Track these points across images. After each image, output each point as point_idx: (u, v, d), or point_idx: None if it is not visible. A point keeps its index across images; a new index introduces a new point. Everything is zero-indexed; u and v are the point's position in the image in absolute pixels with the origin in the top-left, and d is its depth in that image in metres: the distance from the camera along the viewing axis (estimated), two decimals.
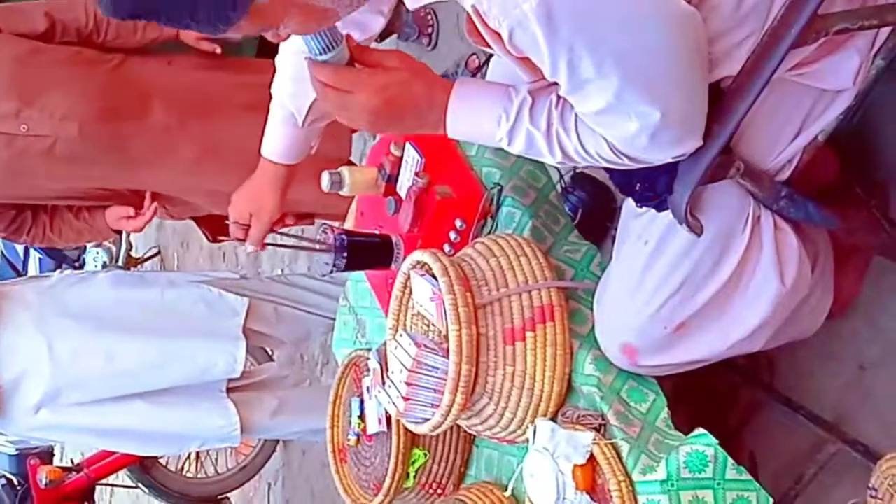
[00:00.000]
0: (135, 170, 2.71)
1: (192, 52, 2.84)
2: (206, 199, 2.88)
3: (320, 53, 1.51)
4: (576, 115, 1.49)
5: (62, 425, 2.86)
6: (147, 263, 6.26)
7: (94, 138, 2.59)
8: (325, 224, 2.21)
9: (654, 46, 1.37)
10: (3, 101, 2.53)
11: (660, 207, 1.63)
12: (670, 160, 1.51)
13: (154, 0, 1.30)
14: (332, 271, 2.17)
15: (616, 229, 1.87)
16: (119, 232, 3.06)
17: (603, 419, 1.78)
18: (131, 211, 2.83)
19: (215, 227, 3.11)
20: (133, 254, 5.87)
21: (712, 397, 2.17)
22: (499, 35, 1.38)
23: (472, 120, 1.56)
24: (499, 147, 2.09)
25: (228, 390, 2.99)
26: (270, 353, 4.05)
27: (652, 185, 1.59)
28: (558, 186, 2.54)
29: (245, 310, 2.99)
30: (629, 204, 1.75)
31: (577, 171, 2.75)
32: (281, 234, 2.36)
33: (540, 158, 1.58)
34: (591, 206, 2.69)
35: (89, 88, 2.61)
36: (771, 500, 1.71)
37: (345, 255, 2.14)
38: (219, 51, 2.83)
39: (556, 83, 1.42)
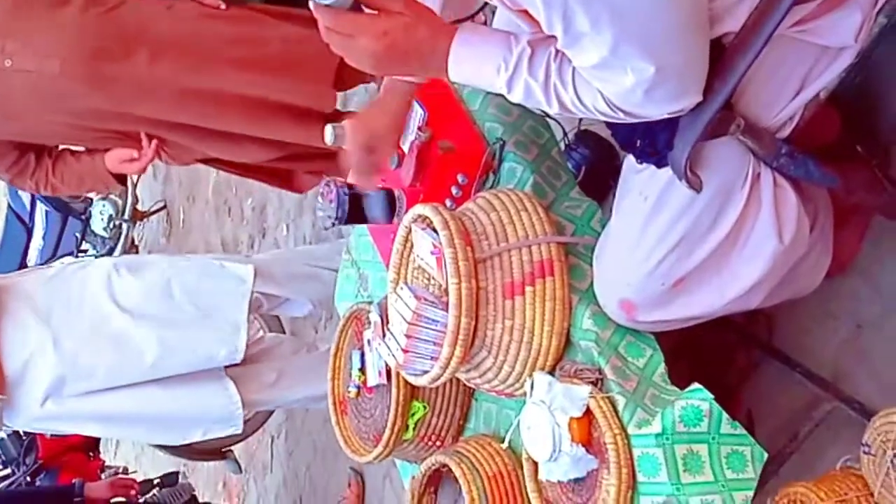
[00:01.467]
0: (119, 106, 2.70)
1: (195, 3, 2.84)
2: (193, 139, 2.88)
3: None
4: (573, 68, 1.49)
5: (68, 415, 2.88)
6: (153, 217, 6.27)
7: (75, 76, 2.59)
8: (328, 178, 2.22)
9: (648, 5, 1.36)
10: None
11: (660, 164, 1.63)
12: (667, 115, 1.51)
13: None
14: (333, 224, 2.18)
15: (619, 183, 1.87)
16: (122, 180, 3.04)
17: (600, 373, 1.80)
18: (134, 153, 2.83)
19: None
20: (139, 207, 5.88)
21: (710, 354, 2.18)
22: None
23: (474, 66, 1.57)
24: (502, 100, 2.11)
25: (226, 366, 3.01)
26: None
27: (653, 142, 1.59)
28: (561, 143, 2.54)
29: (251, 277, 3.00)
30: (630, 160, 1.75)
31: (581, 127, 2.74)
32: None
33: (538, 108, 1.60)
34: (593, 163, 2.68)
35: (76, 28, 2.61)
36: (765, 454, 1.72)
37: (347, 208, 2.15)
38: (223, 6, 2.82)
39: (553, 36, 1.42)
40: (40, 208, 5.60)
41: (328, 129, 2.21)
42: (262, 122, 2.77)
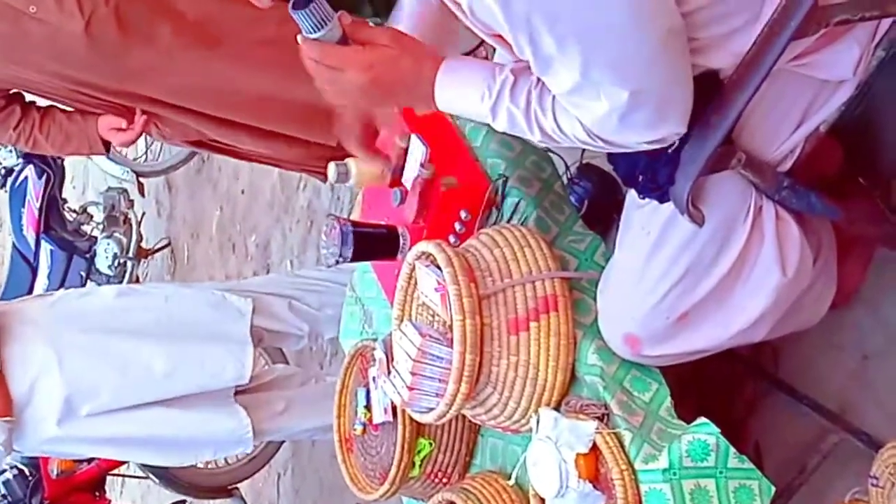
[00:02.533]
0: (129, 81, 2.71)
1: None
2: (195, 121, 2.88)
3: (312, 31, 1.54)
4: (553, 96, 1.51)
5: (76, 437, 2.87)
6: (158, 254, 6.28)
7: (97, 40, 2.60)
8: (331, 215, 2.23)
9: (617, 24, 1.36)
10: None
11: (662, 199, 1.64)
12: (647, 145, 1.51)
13: None
14: (338, 262, 2.18)
15: (621, 217, 1.88)
16: (107, 147, 2.99)
17: (606, 408, 1.80)
18: (123, 123, 2.82)
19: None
20: (144, 245, 5.89)
21: (716, 387, 2.18)
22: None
23: (459, 94, 1.60)
24: (504, 136, 2.13)
25: (236, 393, 3.01)
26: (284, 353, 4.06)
27: (654, 177, 1.60)
28: (564, 177, 2.55)
29: (250, 310, 3.00)
30: (632, 195, 1.76)
31: (583, 161, 2.75)
32: None
33: (523, 136, 1.60)
34: (596, 197, 2.69)
35: None
36: (773, 488, 1.72)
37: (351, 245, 2.15)
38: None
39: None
40: (45, 247, 5.60)
41: (331, 167, 2.23)
42: (268, 116, 2.78)
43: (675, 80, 1.46)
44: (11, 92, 2.88)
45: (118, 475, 5.25)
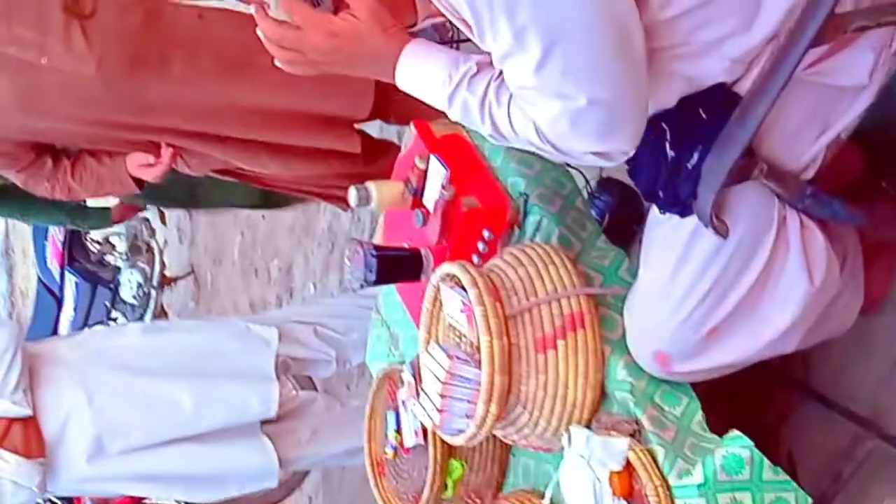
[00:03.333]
0: (148, 115, 2.70)
1: (226, 10, 2.84)
2: (218, 148, 2.87)
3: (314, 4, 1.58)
4: (511, 92, 1.51)
5: (106, 476, 2.90)
6: (181, 282, 6.31)
7: (109, 80, 2.59)
8: (354, 240, 2.23)
9: (575, 25, 1.37)
10: (27, 29, 2.54)
11: (683, 213, 1.63)
12: (591, 158, 1.50)
13: None
14: (362, 286, 2.19)
15: (644, 232, 1.87)
16: (140, 185, 2.97)
17: (637, 424, 1.79)
18: (150, 158, 2.81)
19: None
20: (167, 273, 5.92)
21: (747, 397, 2.16)
22: None
23: (420, 77, 1.60)
24: (523, 155, 2.13)
25: (263, 423, 3.01)
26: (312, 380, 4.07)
27: (675, 192, 1.59)
28: (584, 192, 2.54)
29: (276, 339, 3.01)
30: (654, 209, 1.76)
31: (603, 175, 2.75)
32: None
33: (473, 127, 1.61)
34: (617, 211, 2.68)
35: (115, 33, 2.61)
36: (809, 499, 1.70)
37: (375, 269, 2.16)
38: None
39: None
40: (69, 279, 5.65)
41: (352, 191, 2.23)
42: (295, 132, 2.78)
43: (631, 96, 1.45)
44: (40, 143, 2.87)
45: None
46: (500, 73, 1.51)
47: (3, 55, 2.53)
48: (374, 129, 3.27)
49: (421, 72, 1.60)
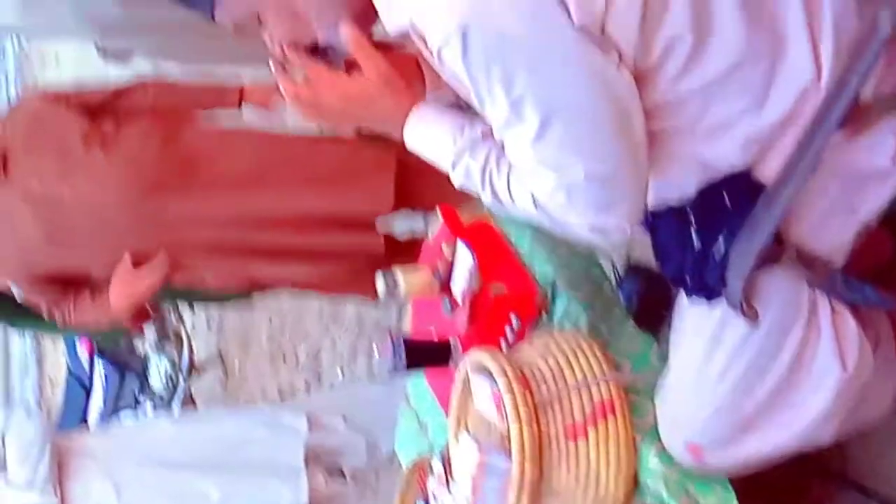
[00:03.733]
0: (170, 234, 2.71)
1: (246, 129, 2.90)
2: (244, 260, 2.85)
3: None
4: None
5: None
6: (209, 368, 6.31)
7: (132, 207, 2.62)
8: (383, 327, 2.23)
9: (572, 99, 1.41)
10: (51, 162, 2.59)
11: (711, 299, 1.62)
12: (588, 232, 1.53)
13: None
14: (391, 375, 2.18)
15: (673, 316, 1.86)
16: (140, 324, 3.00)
17: None
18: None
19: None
20: (195, 359, 5.93)
21: (783, 489, 2.12)
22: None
23: (426, 141, 1.65)
24: (550, 240, 2.13)
25: None
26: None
27: (701, 278, 1.59)
28: (612, 277, 2.54)
29: (305, 428, 3.01)
30: (683, 296, 1.75)
31: (631, 261, 2.75)
32: None
33: (474, 193, 1.63)
34: (645, 295, 2.68)
35: (136, 161, 2.65)
36: None
37: (404, 358, 2.15)
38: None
39: None
40: (98, 367, 5.67)
41: (379, 279, 2.24)
42: (319, 236, 2.79)
43: (629, 173, 1.48)
44: (66, 277, 2.87)
45: None
46: (502, 143, 1.53)
47: (27, 188, 2.58)
48: None
49: (428, 134, 1.64)
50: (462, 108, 1.65)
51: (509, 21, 1.38)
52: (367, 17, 1.62)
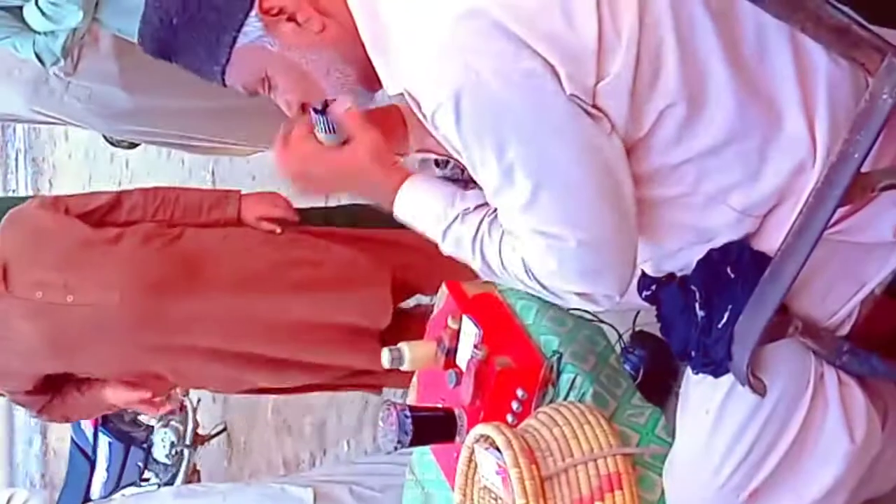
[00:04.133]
0: (171, 335, 2.71)
1: (249, 228, 2.91)
2: (244, 369, 2.86)
3: (323, 132, 1.72)
4: (504, 231, 1.57)
5: None
6: (214, 441, 6.28)
7: (135, 307, 2.62)
8: (387, 401, 2.22)
9: (563, 167, 1.44)
10: (53, 272, 2.60)
11: (717, 373, 1.62)
12: (577, 299, 1.56)
13: (169, 42, 1.63)
14: (396, 448, 2.17)
15: (679, 387, 1.85)
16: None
17: None
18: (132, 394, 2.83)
19: None
20: (200, 431, 5.89)
21: None
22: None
23: (416, 212, 1.70)
24: (555, 312, 2.13)
25: None
26: None
27: (707, 352, 1.58)
28: (618, 347, 2.54)
29: (311, 499, 2.98)
30: (689, 368, 1.74)
31: (636, 329, 2.74)
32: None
33: (464, 261, 1.66)
34: (652, 366, 2.67)
35: (136, 260, 2.67)
36: None
37: (409, 431, 2.14)
38: (279, 231, 2.90)
39: None
40: (102, 440, 5.62)
41: (385, 353, 2.24)
42: (317, 347, 2.79)
43: (619, 242, 1.51)
44: (56, 381, 2.88)
45: None
46: (495, 209, 1.56)
47: (30, 301, 2.59)
48: None
49: (420, 204, 1.69)
50: (452, 180, 1.69)
51: (501, 90, 1.41)
52: (373, 77, 1.64)
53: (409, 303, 3.14)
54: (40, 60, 3.07)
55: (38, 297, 2.58)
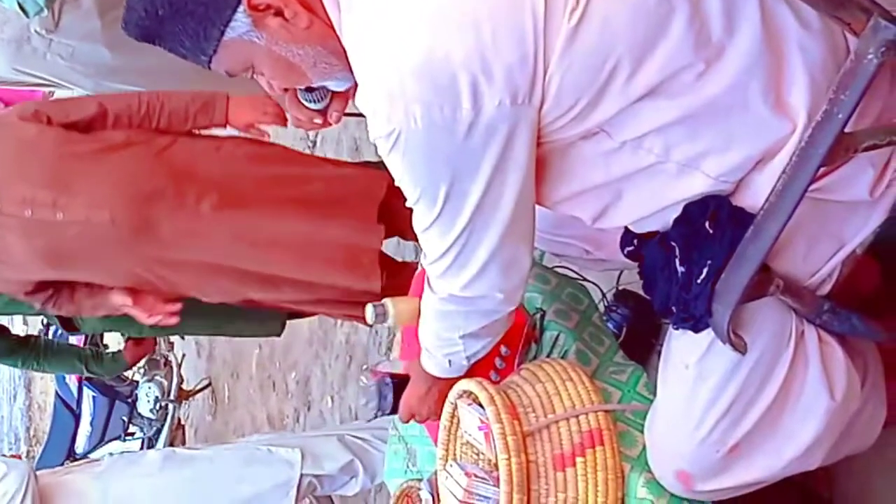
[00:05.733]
0: (164, 250, 2.68)
1: (242, 139, 2.87)
2: (238, 283, 2.85)
3: (310, 102, 1.85)
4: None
5: None
6: (199, 395, 6.30)
7: (125, 223, 2.58)
8: (367, 368, 2.23)
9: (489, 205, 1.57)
10: (41, 189, 2.54)
11: (696, 329, 1.63)
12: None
13: (153, 30, 1.64)
14: (376, 416, 2.17)
15: (662, 346, 1.86)
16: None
17: None
18: (129, 301, 2.80)
19: None
20: (184, 386, 5.91)
21: None
22: None
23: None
24: (539, 270, 2.14)
25: None
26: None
27: (686, 308, 1.59)
28: (601, 305, 2.55)
29: (299, 459, 2.99)
30: (671, 326, 1.75)
31: (620, 287, 2.75)
32: None
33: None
34: (634, 323, 2.68)
35: (127, 174, 2.61)
36: None
37: (390, 398, 2.14)
38: (267, 137, 2.87)
39: None
40: (87, 394, 5.63)
41: (369, 308, 2.23)
42: (309, 264, 2.78)
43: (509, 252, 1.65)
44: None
45: None
46: None
47: (20, 218, 2.55)
48: (391, 245, 3.30)
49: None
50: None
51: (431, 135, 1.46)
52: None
53: (396, 258, 3.14)
54: (24, 11, 3.02)
55: (28, 215, 2.54)
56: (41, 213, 2.53)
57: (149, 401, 5.57)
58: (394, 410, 2.18)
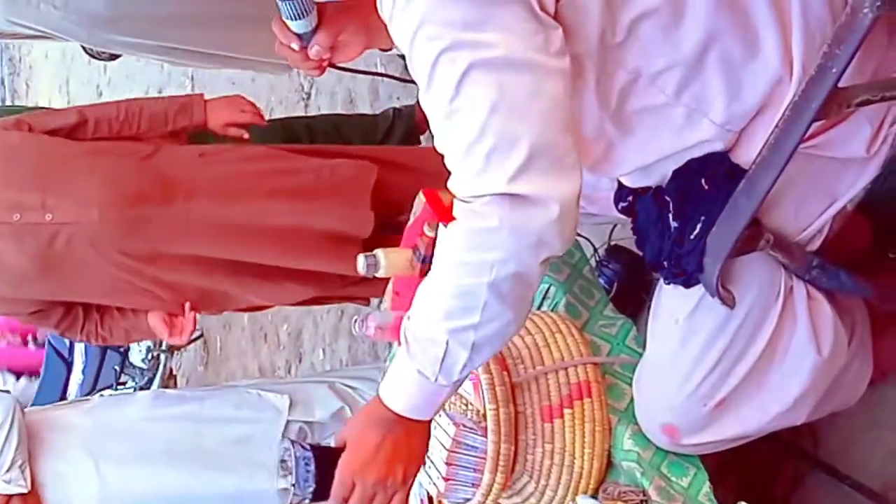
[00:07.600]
0: (158, 248, 2.69)
1: (223, 143, 2.89)
2: (234, 283, 2.87)
3: (290, 18, 1.71)
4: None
5: None
6: (190, 346, 6.31)
7: (114, 221, 2.59)
8: (356, 319, 2.23)
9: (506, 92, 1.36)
10: (28, 192, 2.56)
11: (687, 283, 1.63)
12: (509, 206, 1.39)
13: None
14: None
15: (652, 300, 1.87)
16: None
17: (644, 495, 1.78)
18: (166, 330, 2.84)
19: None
20: None
21: (755, 470, 2.15)
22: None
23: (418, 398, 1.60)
24: None
25: None
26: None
27: (679, 263, 1.60)
28: (592, 260, 2.55)
29: (286, 405, 3.00)
30: (662, 280, 1.76)
31: (612, 243, 2.76)
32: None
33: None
34: (626, 278, 2.69)
35: (113, 175, 2.63)
36: None
37: (312, 475, 1.85)
38: (246, 136, 2.88)
39: None
40: (79, 343, 5.64)
41: (360, 259, 2.24)
42: (301, 253, 2.79)
43: (550, 142, 1.39)
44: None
45: None
46: None
47: (9, 224, 2.55)
48: None
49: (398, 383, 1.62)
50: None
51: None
52: None
53: None
54: None
55: (16, 219, 2.55)
56: (30, 216, 2.55)
57: (141, 351, 5.58)
58: (319, 495, 1.78)
